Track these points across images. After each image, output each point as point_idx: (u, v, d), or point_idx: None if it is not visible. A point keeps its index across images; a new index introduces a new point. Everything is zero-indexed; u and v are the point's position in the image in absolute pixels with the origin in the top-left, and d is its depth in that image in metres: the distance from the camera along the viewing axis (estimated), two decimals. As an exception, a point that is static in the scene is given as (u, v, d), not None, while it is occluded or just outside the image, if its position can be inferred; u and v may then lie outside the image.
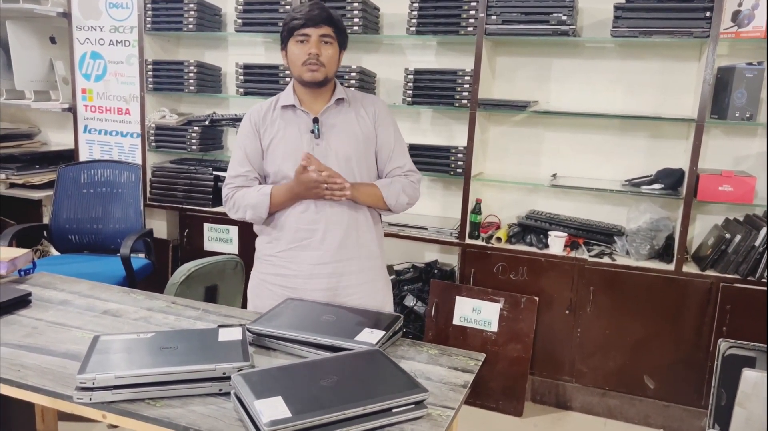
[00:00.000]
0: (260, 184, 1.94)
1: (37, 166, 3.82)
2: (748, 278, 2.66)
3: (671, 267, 2.78)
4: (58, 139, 4.19)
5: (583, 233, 3.00)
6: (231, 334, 1.52)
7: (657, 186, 2.84)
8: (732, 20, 2.62)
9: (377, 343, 1.52)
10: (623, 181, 3.01)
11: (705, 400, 2.77)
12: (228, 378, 1.34)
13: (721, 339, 2.64)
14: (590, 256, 2.89)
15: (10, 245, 2.89)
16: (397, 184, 1.94)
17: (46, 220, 3.63)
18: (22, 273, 2.11)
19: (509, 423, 2.92)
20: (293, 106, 1.89)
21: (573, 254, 2.92)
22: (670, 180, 2.83)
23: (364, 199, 1.89)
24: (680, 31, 2.62)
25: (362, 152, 1.91)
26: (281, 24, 1.88)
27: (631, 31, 2.69)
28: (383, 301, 2.00)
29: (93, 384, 1.30)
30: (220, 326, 1.59)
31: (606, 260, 2.86)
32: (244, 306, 2.27)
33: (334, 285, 1.89)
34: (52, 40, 3.85)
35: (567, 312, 2.93)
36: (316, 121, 1.87)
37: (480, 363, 1.59)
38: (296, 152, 1.84)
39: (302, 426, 1.16)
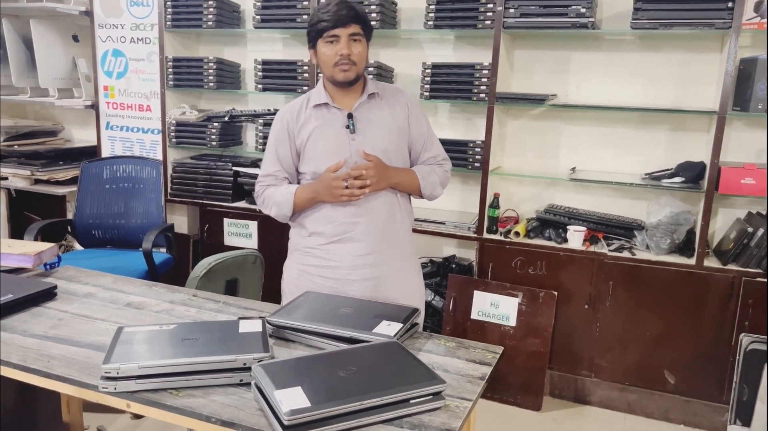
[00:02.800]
0: (290, 183, 1.99)
1: (60, 163, 3.88)
2: (771, 272, 2.63)
3: (692, 261, 2.75)
4: (81, 136, 4.26)
5: (602, 227, 2.98)
6: (251, 326, 1.54)
7: (678, 179, 2.82)
8: (755, 11, 2.58)
9: (395, 335, 1.53)
10: (643, 174, 2.99)
11: (726, 395, 2.74)
12: (248, 369, 1.36)
13: (743, 334, 2.62)
14: (610, 250, 2.87)
15: (35, 240, 2.95)
16: (435, 176, 2.00)
17: (70, 216, 3.70)
18: (48, 267, 2.16)
19: (528, 418, 2.92)
20: (326, 104, 1.92)
21: (592, 248, 2.91)
22: (691, 173, 2.80)
23: (400, 187, 1.94)
24: (701, 23, 2.59)
25: (397, 145, 1.94)
26: (307, 23, 1.88)
27: (651, 23, 2.66)
28: (418, 288, 2.06)
29: (117, 373, 1.33)
30: (240, 318, 1.61)
31: (626, 254, 2.84)
32: (263, 299, 2.29)
33: (375, 275, 1.93)
34: (75, 39, 3.91)
35: (586, 306, 2.91)
36: (350, 116, 1.90)
37: (498, 356, 1.59)
38: (334, 150, 1.88)
39: (321, 415, 1.18)
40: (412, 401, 1.27)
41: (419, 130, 1.99)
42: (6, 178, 3.83)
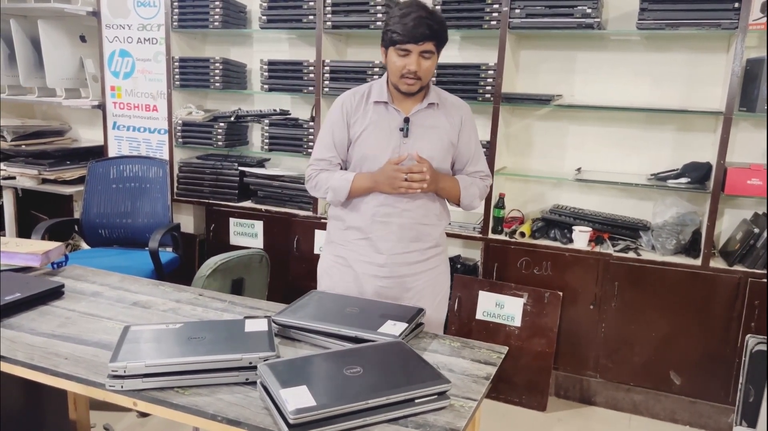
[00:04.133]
0: (341, 169, 2.04)
1: (68, 162, 3.90)
2: (778, 273, 2.62)
3: (698, 262, 2.75)
4: (88, 136, 4.28)
5: (608, 228, 2.98)
6: (257, 325, 1.55)
7: (684, 180, 2.81)
8: (761, 11, 2.57)
9: (400, 335, 1.53)
10: (649, 175, 2.98)
11: (732, 396, 2.73)
12: (254, 368, 1.36)
13: (748, 335, 2.61)
14: (615, 251, 2.87)
15: (42, 239, 2.96)
16: (475, 188, 2.07)
17: (77, 215, 3.71)
18: (55, 266, 2.17)
19: (533, 418, 2.92)
20: (386, 102, 1.97)
21: (598, 249, 2.90)
22: (697, 174, 2.79)
23: (443, 193, 2.01)
24: (708, 23, 2.58)
25: (443, 156, 2.00)
26: (384, 22, 1.93)
27: (657, 23, 2.66)
28: (444, 284, 2.14)
29: (124, 372, 1.34)
30: (246, 317, 1.62)
31: (631, 255, 2.84)
32: (269, 298, 2.30)
33: (404, 272, 2.01)
34: (82, 39, 3.93)
35: (591, 307, 2.91)
36: (407, 120, 1.95)
37: (503, 356, 1.59)
38: (383, 148, 1.94)
39: (327, 414, 1.18)
40: (417, 400, 1.27)
41: (467, 146, 2.05)
42: (14, 178, 3.85)
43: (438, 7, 2.97)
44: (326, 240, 2.14)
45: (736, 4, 2.51)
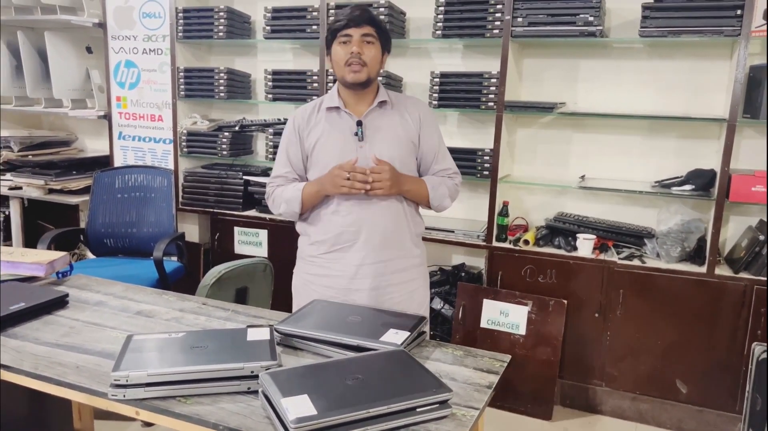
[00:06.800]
0: None
1: (74, 172, 3.93)
2: (784, 280, 2.61)
3: (703, 269, 2.73)
4: (94, 146, 4.31)
5: (612, 235, 2.97)
6: (259, 334, 1.56)
7: (688, 187, 2.80)
8: (764, 18, 2.57)
9: (402, 344, 1.53)
10: (653, 182, 2.97)
11: (739, 405, 2.71)
12: (256, 377, 1.37)
13: (755, 343, 2.59)
14: (620, 259, 2.86)
15: (48, 248, 2.98)
16: (444, 188, 2.00)
17: (82, 225, 3.73)
18: (60, 275, 2.19)
19: (538, 427, 2.90)
20: (337, 107, 1.93)
21: (602, 256, 2.89)
22: (702, 181, 2.78)
23: (409, 195, 1.95)
24: (710, 30, 2.58)
25: (405, 155, 1.94)
26: (327, 31, 1.92)
27: (659, 31, 2.66)
28: (422, 298, 2.06)
29: (127, 381, 1.34)
30: (248, 326, 1.62)
31: (636, 262, 2.83)
32: (273, 307, 2.31)
33: (377, 285, 1.93)
34: (89, 50, 3.96)
35: (596, 315, 2.90)
36: (359, 123, 1.90)
37: (505, 365, 1.59)
38: (340, 155, 1.88)
39: (328, 423, 1.18)
40: (418, 409, 1.27)
41: (430, 144, 1.99)
42: (20, 188, 3.88)
43: (441, 16, 2.98)
44: (297, 256, 2.08)
45: (738, 12, 2.52)
